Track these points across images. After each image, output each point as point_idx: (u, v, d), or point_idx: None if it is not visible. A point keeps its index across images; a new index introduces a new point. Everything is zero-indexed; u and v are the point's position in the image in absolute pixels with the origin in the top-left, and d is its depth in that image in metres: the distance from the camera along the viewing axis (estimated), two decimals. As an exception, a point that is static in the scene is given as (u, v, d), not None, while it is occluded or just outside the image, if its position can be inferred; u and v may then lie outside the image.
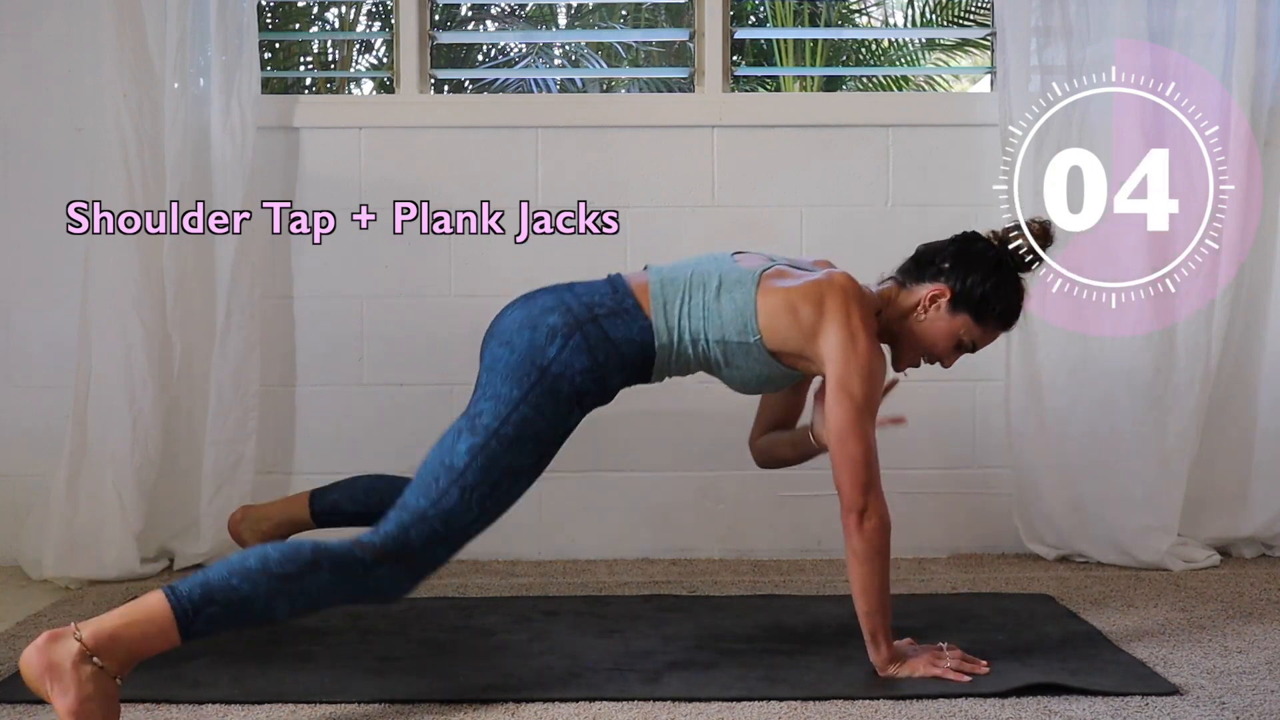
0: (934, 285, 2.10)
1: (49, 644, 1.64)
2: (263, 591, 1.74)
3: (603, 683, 1.95)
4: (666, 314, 2.05)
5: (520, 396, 1.95)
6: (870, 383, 1.98)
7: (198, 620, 1.70)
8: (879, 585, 1.96)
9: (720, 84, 3.06)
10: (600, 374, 2.00)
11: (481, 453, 1.91)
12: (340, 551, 1.81)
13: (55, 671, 1.63)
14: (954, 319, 2.10)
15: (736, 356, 2.06)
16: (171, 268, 2.79)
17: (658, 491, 3.03)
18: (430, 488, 1.89)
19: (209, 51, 2.83)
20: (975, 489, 3.04)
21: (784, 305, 2.02)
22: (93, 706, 1.63)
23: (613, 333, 2.01)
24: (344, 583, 1.80)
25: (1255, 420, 2.95)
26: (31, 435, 2.91)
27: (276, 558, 1.77)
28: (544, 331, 1.99)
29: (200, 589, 1.72)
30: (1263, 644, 2.19)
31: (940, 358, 2.15)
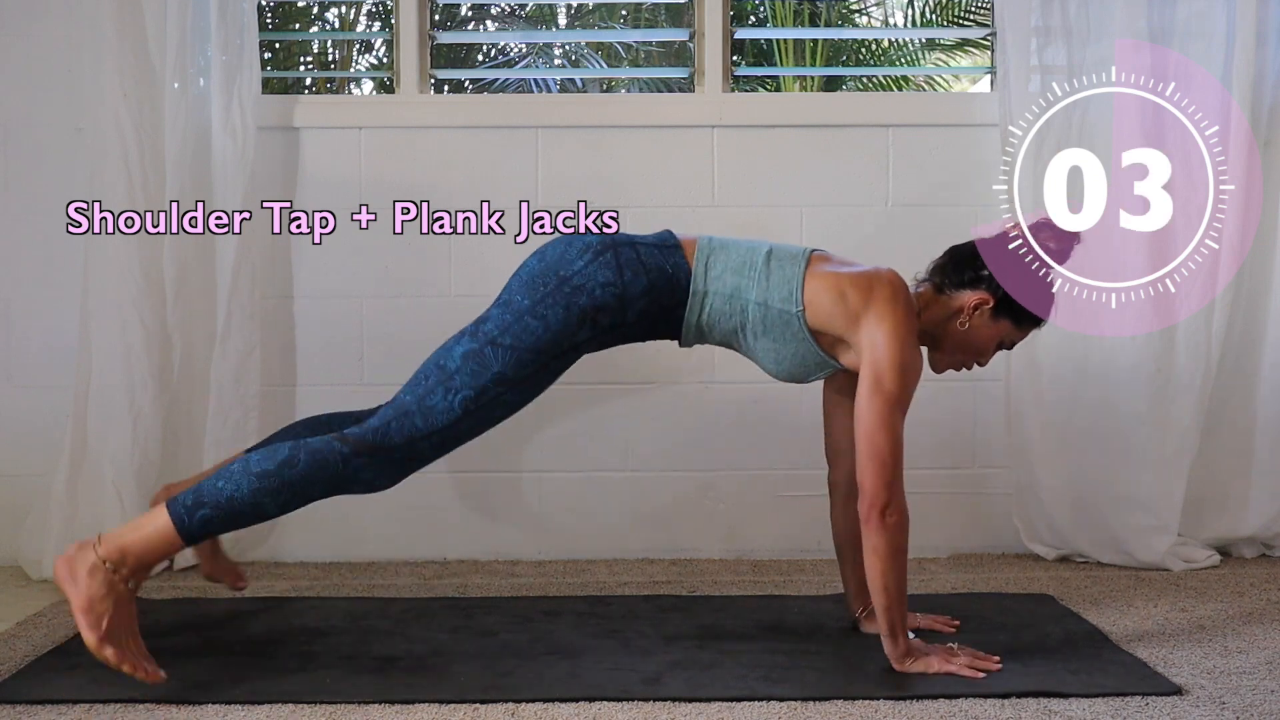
0: (976, 293, 2.10)
1: (76, 551, 1.89)
2: (246, 489, 1.89)
3: (603, 683, 1.95)
4: (709, 266, 2.05)
5: (529, 306, 1.97)
6: (905, 378, 1.98)
7: (193, 523, 1.89)
8: (898, 581, 1.97)
9: (720, 84, 3.06)
10: (621, 292, 2.00)
11: (475, 358, 1.95)
12: (319, 445, 1.92)
13: (74, 575, 1.87)
14: (997, 324, 2.11)
15: (775, 326, 2.04)
16: (171, 268, 2.79)
17: (658, 491, 3.03)
18: (419, 384, 1.97)
19: (209, 51, 2.83)
20: (975, 489, 3.04)
21: (832, 285, 2.03)
22: (101, 606, 1.85)
23: (646, 258, 2.02)
24: (323, 473, 1.91)
25: (1255, 420, 2.95)
26: (31, 435, 2.91)
27: (256, 457, 1.92)
28: (578, 246, 2.03)
29: (192, 494, 1.90)
30: (1263, 644, 2.19)
31: (980, 360, 2.17)
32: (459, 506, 3.01)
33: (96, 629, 1.85)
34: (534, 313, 1.97)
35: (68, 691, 1.91)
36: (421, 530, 2.99)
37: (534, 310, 1.97)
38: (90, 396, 2.76)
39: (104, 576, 1.87)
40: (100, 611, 1.86)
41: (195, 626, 2.32)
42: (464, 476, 2.99)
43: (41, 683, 1.97)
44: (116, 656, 1.85)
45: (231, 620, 2.35)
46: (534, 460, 3.01)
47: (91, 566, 1.87)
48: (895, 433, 1.97)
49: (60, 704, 1.87)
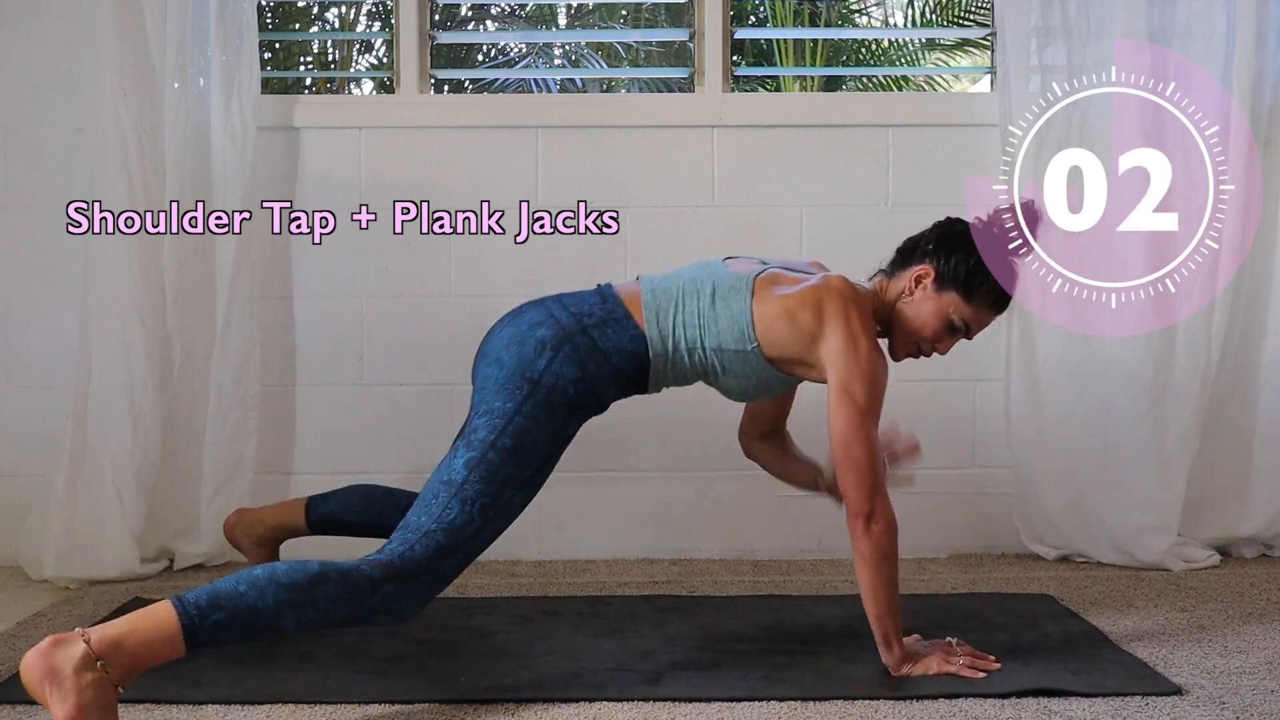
0: (919, 266, 2.11)
1: (52, 648, 1.60)
2: (270, 601, 1.72)
3: (603, 683, 1.95)
4: (660, 323, 2.05)
5: (515, 408, 1.95)
6: (873, 386, 1.98)
7: (203, 628, 1.68)
8: (888, 588, 1.96)
9: (720, 84, 3.06)
10: (592, 384, 2.00)
11: (480, 465, 1.92)
12: (347, 567, 1.81)
13: (56, 677, 1.58)
14: (941, 297, 2.09)
15: (734, 365, 2.06)
16: (171, 268, 2.79)
17: (658, 491, 3.03)
18: (431, 505, 1.90)
19: (209, 51, 2.83)
20: (975, 489, 3.03)
21: (782, 312, 2.02)
22: (92, 716, 1.58)
23: (603, 343, 2.02)
24: (351, 598, 1.79)
25: (1255, 420, 2.95)
26: (31, 435, 2.91)
27: (284, 569, 1.77)
28: (532, 345, 2.00)
29: (208, 596, 1.71)
30: (1263, 644, 2.19)
31: (933, 341, 2.13)
32: (459, 506, 3.01)
33: None
34: (522, 413, 1.95)
35: (68, 691, 1.91)
36: (421, 530, 2.99)
37: (521, 411, 1.95)
38: (90, 396, 2.76)
39: (96, 677, 1.60)
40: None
41: (195, 626, 2.31)
42: (464, 476, 2.99)
43: (41, 683, 1.97)
44: None
45: (231, 620, 2.34)
46: (534, 460, 3.01)
47: (81, 662, 1.59)
48: (871, 442, 1.97)
49: (60, 704, 1.86)
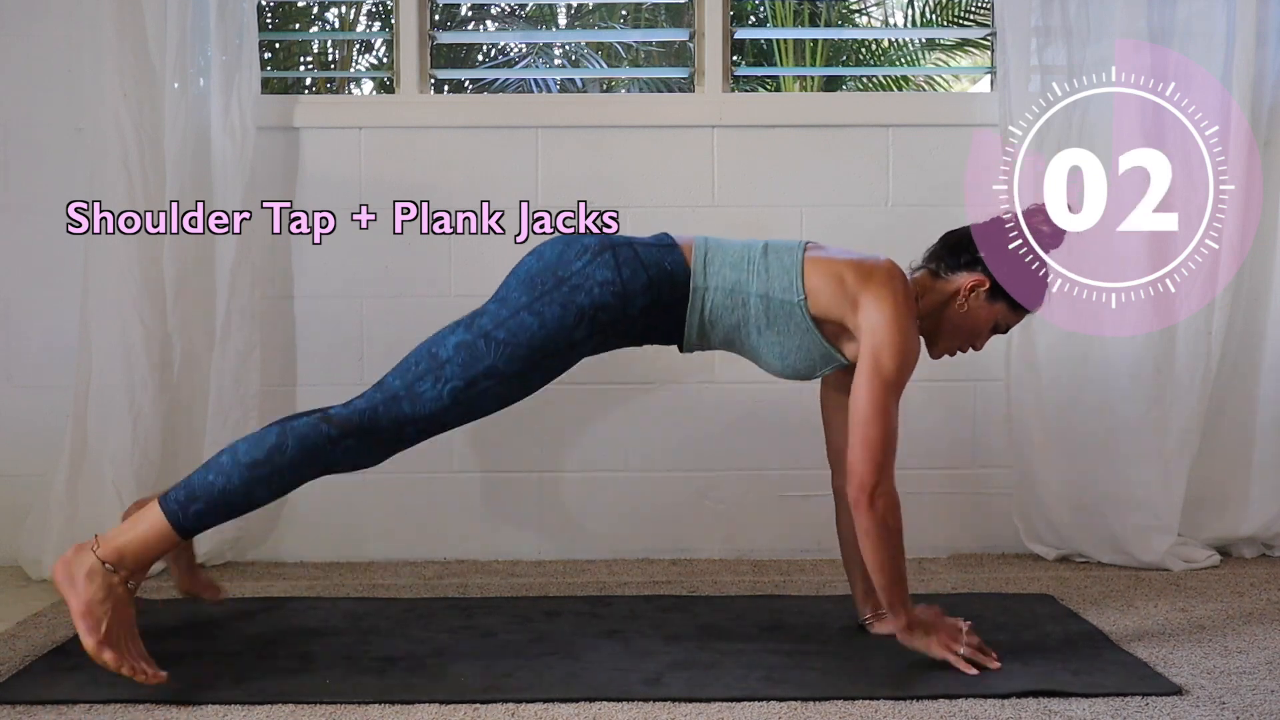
0: (972, 275, 2.11)
1: (74, 554, 1.91)
2: (236, 482, 1.91)
3: (603, 683, 1.95)
4: (707, 263, 2.05)
5: (527, 303, 1.98)
6: (902, 361, 1.99)
7: (187, 518, 1.91)
8: (893, 560, 1.97)
9: (720, 84, 3.06)
10: (621, 289, 2.00)
11: (468, 350, 1.96)
12: (306, 429, 1.93)
13: (72, 580, 1.88)
14: (993, 306, 2.12)
15: (779, 319, 2.05)
16: (171, 268, 2.79)
17: (658, 491, 3.03)
18: (408, 370, 1.98)
19: (209, 51, 2.83)
20: (975, 489, 3.04)
21: (831, 272, 2.04)
22: (100, 609, 1.86)
23: (644, 256, 2.03)
24: (312, 456, 1.92)
25: (1255, 420, 2.95)
26: (31, 435, 2.91)
27: (244, 448, 1.92)
28: (576, 247, 2.03)
29: (184, 490, 1.92)
30: (1263, 644, 2.19)
31: (972, 344, 2.18)
32: (459, 507, 3.01)
33: (95, 632, 1.86)
34: (530, 309, 1.98)
35: (68, 691, 1.91)
36: (421, 530, 2.99)
37: (531, 307, 1.98)
38: (90, 396, 2.76)
39: (102, 579, 1.88)
40: (99, 615, 1.87)
41: (195, 626, 2.32)
42: (464, 477, 2.99)
43: (41, 683, 1.97)
44: (115, 660, 1.86)
45: (231, 620, 2.35)
46: (534, 460, 3.01)
47: (90, 569, 1.89)
48: (890, 417, 1.97)
49: (60, 704, 1.87)
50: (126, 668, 1.86)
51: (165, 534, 1.92)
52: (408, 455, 2.24)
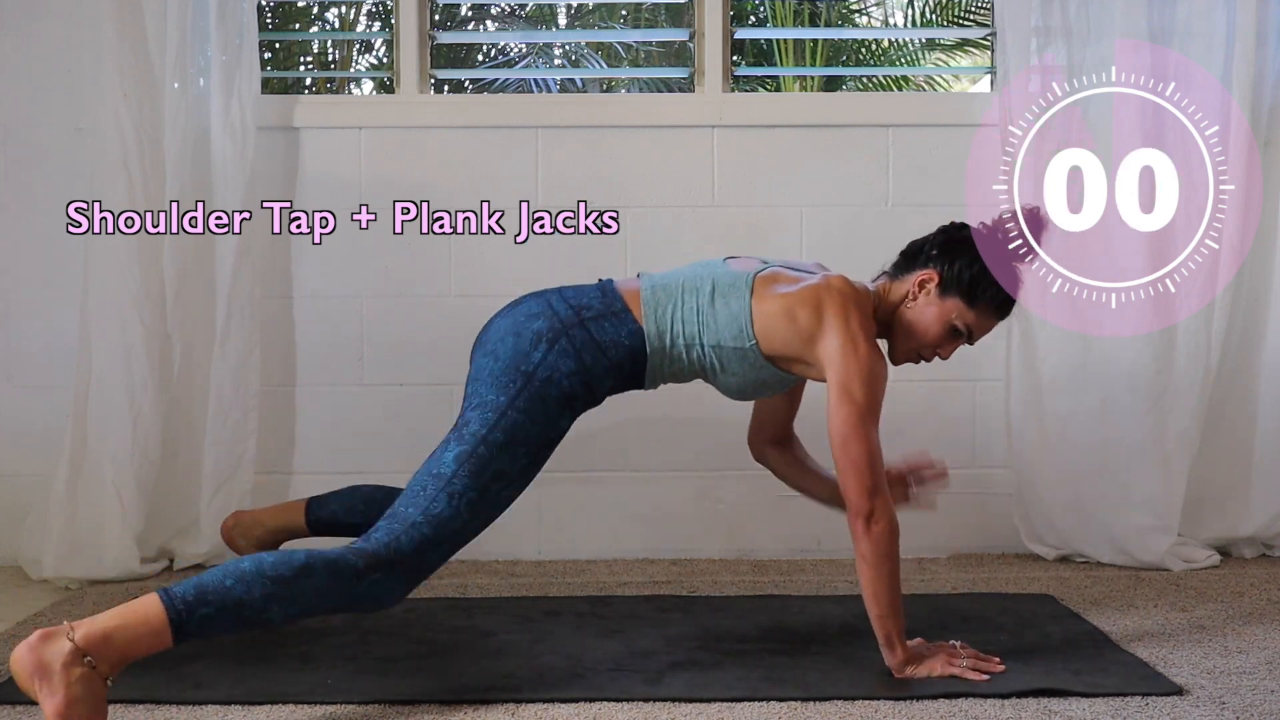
0: (922, 271, 2.10)
1: (41, 643, 1.63)
2: (256, 594, 1.74)
3: (604, 683, 1.95)
4: (659, 319, 2.05)
5: (507, 402, 1.96)
6: (871, 385, 1.98)
7: (190, 622, 1.70)
8: (889, 589, 1.95)
9: (720, 84, 3.06)
10: (587, 377, 2.00)
11: (470, 459, 1.92)
12: (333, 557, 1.82)
13: (45, 671, 1.61)
14: (944, 303, 2.09)
15: (732, 362, 2.06)
16: (171, 268, 2.79)
17: (658, 491, 3.03)
18: (419, 496, 1.91)
19: (209, 51, 2.83)
20: (975, 489, 3.03)
21: (780, 311, 2.02)
22: (80, 709, 1.61)
23: (599, 335, 2.02)
24: (337, 587, 1.81)
25: (1255, 420, 2.95)
26: (31, 435, 2.91)
27: (270, 560, 1.78)
28: (529, 338, 2.00)
29: (194, 590, 1.72)
30: (1263, 644, 2.19)
31: (934, 347, 2.13)
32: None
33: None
34: (514, 407, 1.96)
35: (68, 691, 1.91)
36: (421, 530, 2.99)
37: (514, 405, 1.96)
38: (90, 396, 2.76)
39: (83, 673, 1.62)
40: (81, 718, 1.61)
41: (195, 626, 2.31)
42: (464, 476, 2.99)
43: (41, 683, 1.96)
44: None
45: (231, 620, 2.34)
46: (534, 460, 3.01)
47: (68, 658, 1.62)
48: (870, 442, 1.97)
49: (60, 704, 1.86)
50: None
51: (159, 634, 1.68)
52: (408, 455, 2.24)
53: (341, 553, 1.84)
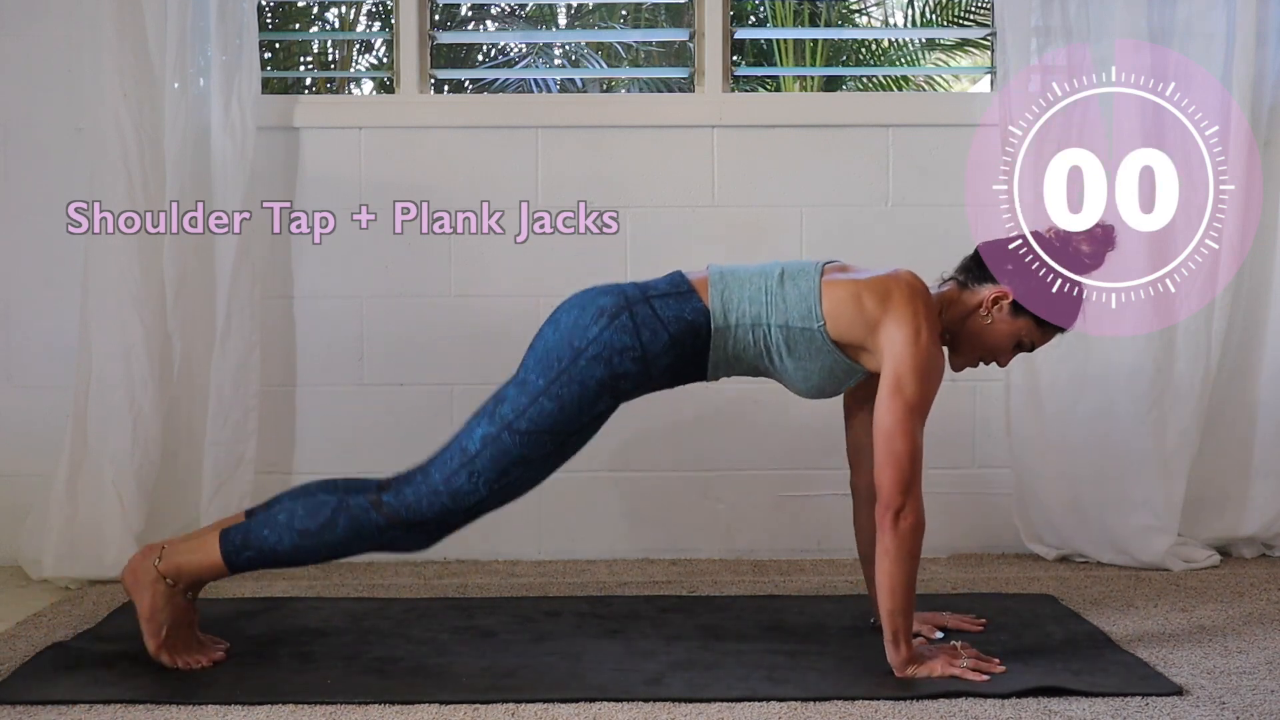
0: (997, 287, 2.09)
1: (140, 560, 2.04)
2: (287, 543, 2.01)
3: (603, 683, 1.96)
4: (725, 299, 2.04)
5: (544, 387, 1.98)
6: (926, 382, 1.98)
7: (239, 561, 2.03)
8: (906, 585, 1.96)
9: (720, 84, 3.06)
10: (643, 354, 1.99)
11: (494, 443, 1.97)
12: (357, 511, 2.00)
13: (137, 583, 2.03)
14: (1016, 321, 2.09)
15: (799, 345, 2.04)
16: (171, 268, 2.79)
17: (658, 491, 3.03)
18: (446, 464, 2.00)
19: (209, 51, 2.83)
20: (975, 489, 3.03)
21: (849, 294, 2.02)
22: (161, 615, 2.01)
23: (663, 311, 2.01)
24: (360, 539, 2.01)
25: (1255, 420, 2.95)
26: (31, 435, 2.91)
27: (302, 513, 2.01)
28: (592, 311, 2.01)
29: (241, 535, 2.03)
30: (1263, 644, 2.19)
31: (998, 357, 2.15)
32: (459, 506, 3.01)
33: (156, 637, 2.02)
34: (549, 394, 1.98)
35: (68, 691, 1.92)
36: (421, 530, 2.99)
37: (548, 391, 1.98)
38: (90, 396, 2.76)
39: (163, 589, 2.02)
40: (160, 621, 2.02)
41: (195, 626, 2.31)
42: (464, 476, 2.99)
43: (41, 683, 1.97)
44: (170, 661, 2.01)
45: (231, 620, 2.34)
46: (534, 460, 3.01)
47: (153, 579, 2.02)
48: (914, 437, 1.97)
49: (60, 704, 1.87)
50: (181, 663, 2.01)
51: (217, 566, 2.04)
52: (407, 455, 2.24)
53: (365, 507, 2.00)
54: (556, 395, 1.97)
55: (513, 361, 2.98)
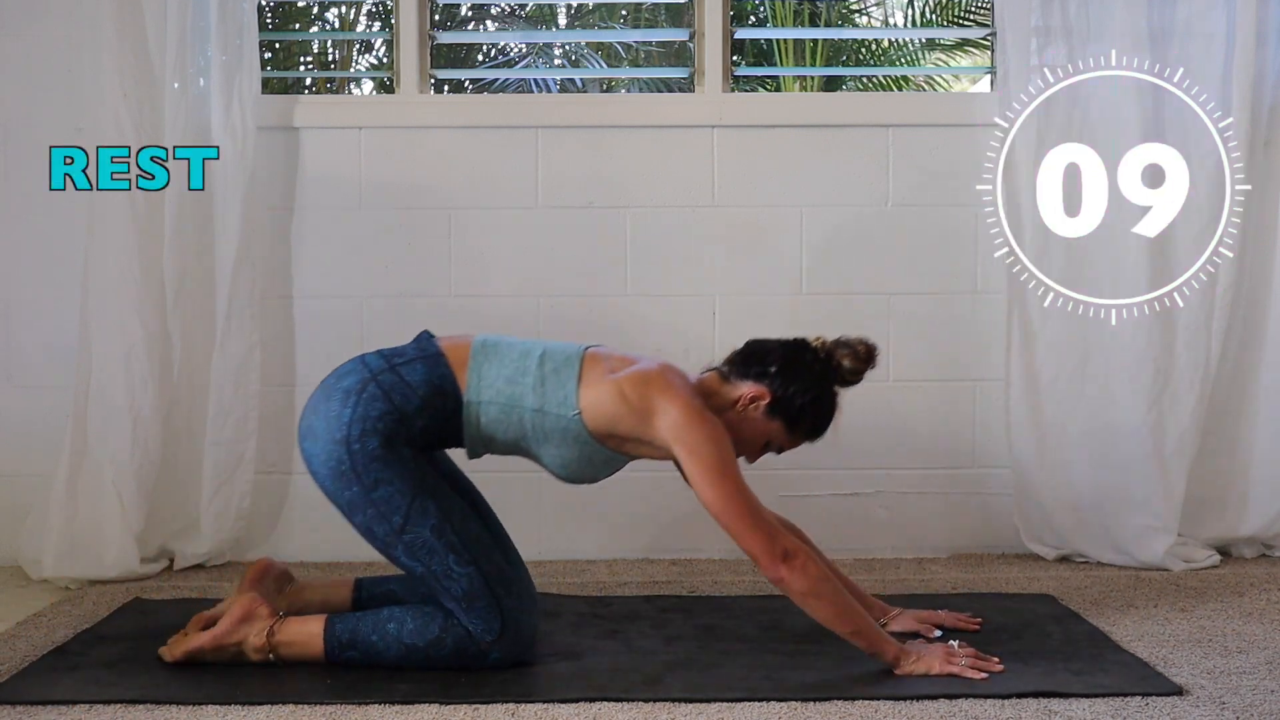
0: (755, 386, 2.09)
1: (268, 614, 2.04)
2: (392, 654, 2.00)
3: (603, 683, 1.96)
4: (480, 372, 2.05)
5: (363, 493, 1.99)
6: (718, 446, 1.99)
7: (339, 658, 2.02)
8: (839, 615, 1.97)
9: (720, 84, 3.06)
10: (400, 416, 2.00)
11: (412, 551, 1.99)
12: (464, 636, 2.00)
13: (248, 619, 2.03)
14: (769, 423, 2.10)
15: (555, 432, 2.04)
16: (171, 268, 2.79)
17: (658, 491, 3.02)
18: (431, 583, 2.01)
19: (209, 51, 2.83)
20: (975, 489, 3.03)
21: (610, 388, 2.03)
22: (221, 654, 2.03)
23: (410, 376, 2.03)
24: (463, 661, 2.01)
25: (1255, 420, 2.94)
26: (31, 435, 2.91)
27: (411, 627, 2.01)
28: (337, 398, 2.02)
29: (349, 634, 2.02)
30: (1263, 644, 2.19)
31: (745, 455, 2.14)
32: (459, 506, 3.01)
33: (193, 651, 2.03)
34: (374, 490, 1.98)
35: (68, 691, 1.92)
36: (421, 530, 2.99)
37: (369, 490, 1.98)
38: (90, 396, 2.76)
39: (253, 645, 2.02)
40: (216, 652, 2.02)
41: (195, 626, 2.31)
42: (464, 476, 2.99)
43: (41, 683, 1.97)
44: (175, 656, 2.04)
45: (231, 620, 2.34)
46: (534, 460, 3.01)
47: (255, 634, 2.02)
48: (740, 492, 1.97)
49: (60, 704, 1.87)
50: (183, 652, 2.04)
51: (316, 658, 2.03)
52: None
53: (470, 634, 2.00)
54: (377, 483, 1.98)
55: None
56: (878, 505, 3.01)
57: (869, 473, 3.00)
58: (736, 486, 1.97)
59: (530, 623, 2.06)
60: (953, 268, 3.00)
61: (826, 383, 2.11)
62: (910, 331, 2.99)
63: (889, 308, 2.99)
